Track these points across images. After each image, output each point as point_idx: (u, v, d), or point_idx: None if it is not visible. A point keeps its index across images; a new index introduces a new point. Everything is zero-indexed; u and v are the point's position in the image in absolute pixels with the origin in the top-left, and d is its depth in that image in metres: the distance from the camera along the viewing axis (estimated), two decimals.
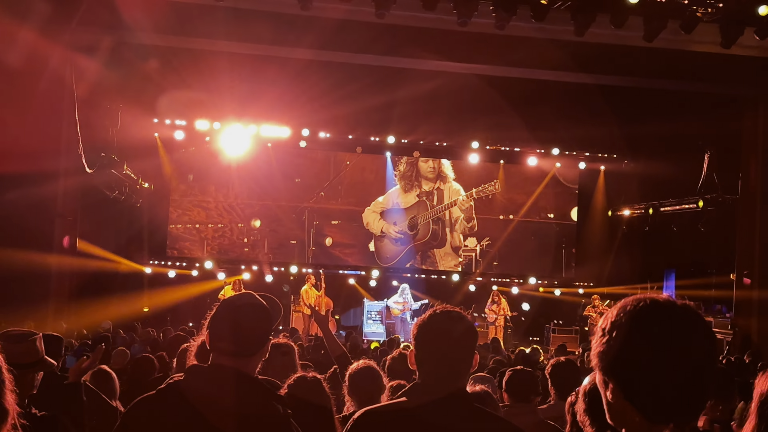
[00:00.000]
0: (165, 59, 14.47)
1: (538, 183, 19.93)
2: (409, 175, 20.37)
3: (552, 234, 20.47)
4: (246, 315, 2.44)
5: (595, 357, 1.59)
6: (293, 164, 19.75)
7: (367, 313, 18.06)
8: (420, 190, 20.40)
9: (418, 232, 20.28)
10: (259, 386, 2.40)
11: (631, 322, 1.53)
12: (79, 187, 14.12)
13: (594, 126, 16.56)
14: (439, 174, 20.45)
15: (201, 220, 19.07)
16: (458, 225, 20.33)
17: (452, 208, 20.33)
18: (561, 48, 13.55)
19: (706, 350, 1.51)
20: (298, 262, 19.05)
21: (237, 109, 17.60)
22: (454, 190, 20.41)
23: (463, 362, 2.39)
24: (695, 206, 16.38)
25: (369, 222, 20.15)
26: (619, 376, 1.54)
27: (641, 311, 1.53)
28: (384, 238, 20.20)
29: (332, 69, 14.89)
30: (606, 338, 1.57)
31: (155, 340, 10.67)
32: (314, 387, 3.27)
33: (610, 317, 1.58)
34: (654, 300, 1.55)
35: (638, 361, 1.51)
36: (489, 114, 16.85)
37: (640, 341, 1.51)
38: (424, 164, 20.33)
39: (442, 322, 2.40)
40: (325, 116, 17.31)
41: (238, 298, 2.53)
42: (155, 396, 2.36)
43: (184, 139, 18.83)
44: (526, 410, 4.01)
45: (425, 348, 2.38)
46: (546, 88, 15.60)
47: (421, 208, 20.38)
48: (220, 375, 2.34)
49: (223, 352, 2.39)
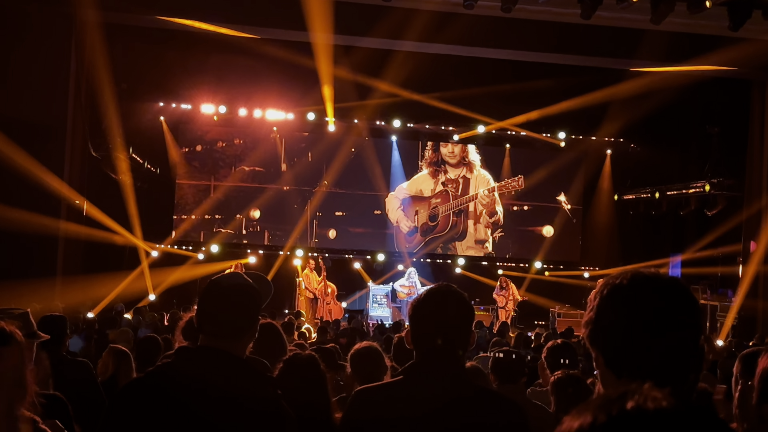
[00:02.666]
0: (171, 42, 14.47)
1: (544, 167, 19.82)
2: (435, 161, 20.15)
3: (559, 218, 20.43)
4: (233, 295, 2.41)
5: (582, 326, 1.62)
6: (298, 150, 19.67)
7: (373, 297, 18.09)
8: (446, 177, 20.16)
9: (438, 223, 20.17)
10: (248, 368, 2.39)
11: (610, 291, 1.55)
12: (85, 171, 14.15)
13: (599, 110, 16.50)
14: (464, 160, 20.19)
15: (205, 207, 19.00)
16: (482, 218, 20.17)
17: (476, 201, 20.11)
18: (569, 31, 13.53)
19: (683, 314, 1.51)
20: (302, 246, 18.99)
21: (241, 92, 17.57)
22: (481, 178, 20.13)
23: (460, 340, 2.35)
24: (702, 190, 16.32)
25: (390, 209, 20.01)
26: (598, 343, 1.56)
27: (621, 282, 1.55)
28: (400, 227, 20.15)
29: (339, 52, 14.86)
30: (589, 308, 1.60)
31: (162, 324, 10.73)
32: (309, 364, 3.26)
33: (597, 287, 1.60)
34: (636, 272, 1.56)
35: (613, 327, 1.53)
36: (494, 96, 16.79)
37: (615, 308, 1.53)
38: (444, 149, 20.13)
39: (437, 300, 2.38)
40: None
41: (225, 279, 2.49)
42: (144, 379, 2.36)
43: (190, 122, 18.82)
44: (512, 390, 4.02)
45: (421, 327, 2.36)
46: (551, 70, 15.56)
47: (444, 197, 20.15)
48: (209, 357, 2.33)
49: (211, 333, 2.37)
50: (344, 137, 19.35)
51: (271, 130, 19.16)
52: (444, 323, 2.34)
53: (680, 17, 12.94)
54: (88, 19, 12.52)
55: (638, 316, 1.50)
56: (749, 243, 15.45)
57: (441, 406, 2.22)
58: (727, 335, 14.41)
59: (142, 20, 13.45)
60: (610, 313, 1.54)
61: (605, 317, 1.55)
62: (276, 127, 19.15)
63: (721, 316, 15.69)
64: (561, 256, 20.49)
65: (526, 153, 20.31)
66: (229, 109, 18.22)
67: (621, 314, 1.52)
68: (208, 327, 2.39)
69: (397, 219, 20.02)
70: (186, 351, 2.42)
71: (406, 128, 19.52)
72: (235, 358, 2.35)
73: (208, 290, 2.46)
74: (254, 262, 18.12)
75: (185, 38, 14.18)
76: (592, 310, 1.58)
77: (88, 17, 12.46)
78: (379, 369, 3.89)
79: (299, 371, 3.17)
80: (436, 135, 19.93)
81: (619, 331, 1.52)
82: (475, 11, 12.64)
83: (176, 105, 18.41)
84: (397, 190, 20.02)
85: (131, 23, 13.52)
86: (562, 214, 20.44)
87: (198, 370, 2.27)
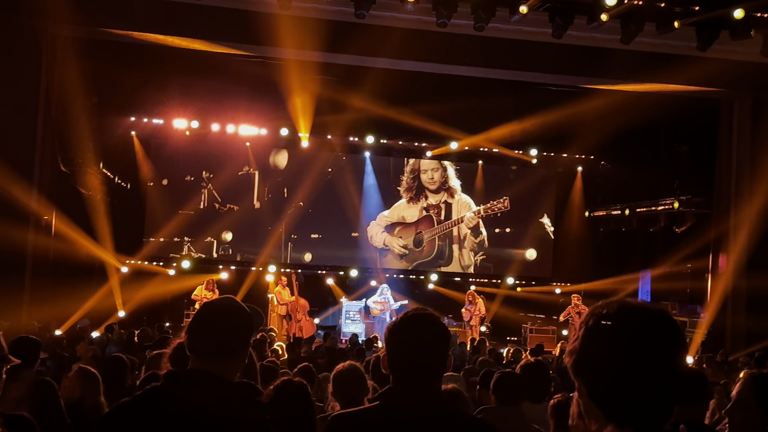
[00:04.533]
0: (141, 57, 14.38)
1: (516, 184, 19.95)
2: (413, 187, 20.08)
3: (530, 235, 20.53)
4: (225, 316, 2.42)
5: (566, 356, 1.61)
6: (271, 169, 19.51)
7: (346, 313, 18.03)
8: (426, 202, 20.11)
9: (423, 249, 20.09)
10: (238, 392, 2.37)
11: (595, 323, 1.55)
12: (54, 186, 13.97)
13: (570, 127, 16.67)
14: (445, 185, 20.17)
15: (174, 226, 18.71)
16: (467, 241, 20.15)
17: (461, 225, 20.03)
18: (540, 50, 13.70)
19: (669, 356, 1.51)
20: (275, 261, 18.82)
21: (214, 107, 17.50)
22: (463, 203, 20.07)
23: (436, 365, 2.35)
24: (671, 207, 16.53)
25: (372, 236, 19.87)
26: (584, 375, 1.56)
27: (607, 313, 1.55)
28: (388, 252, 20.00)
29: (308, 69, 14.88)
30: (574, 337, 1.59)
31: (131, 341, 10.60)
32: (299, 393, 3.24)
33: (581, 318, 1.60)
34: (623, 303, 1.56)
35: (598, 361, 1.53)
36: (466, 113, 16.91)
37: (601, 342, 1.53)
38: (424, 175, 20.08)
39: (413, 325, 2.36)
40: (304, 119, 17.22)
41: (219, 301, 2.51)
42: (133, 402, 2.33)
43: (161, 136, 18.65)
44: (513, 412, 4.02)
45: (397, 353, 2.35)
46: (523, 88, 15.72)
47: (427, 223, 20.07)
48: (198, 380, 2.32)
49: (201, 354, 2.36)
50: (318, 153, 19.30)
51: (243, 145, 19.05)
52: (420, 348, 2.33)
53: (649, 37, 13.19)
54: (59, 33, 12.42)
55: (624, 352, 1.50)
56: (718, 259, 15.68)
57: (417, 431, 2.21)
58: (696, 351, 14.56)
59: (113, 35, 13.36)
60: (595, 346, 1.54)
61: (590, 349, 1.54)
62: (249, 142, 19.05)
63: (690, 331, 15.85)
64: (533, 272, 20.59)
65: (498, 169, 20.42)
66: (201, 124, 18.10)
67: (606, 348, 1.52)
68: (199, 346, 2.38)
69: (384, 241, 19.91)
70: (175, 374, 2.40)
71: (380, 144, 19.52)
72: (224, 382, 2.34)
73: (200, 310, 2.47)
74: (226, 278, 17.98)
75: (158, 53, 14.10)
76: (577, 339, 1.57)
77: (59, 31, 12.36)
78: (361, 390, 3.88)
79: (290, 401, 3.15)
80: (409, 151, 19.97)
81: (604, 366, 1.52)
82: (448, 29, 12.76)
83: (148, 120, 18.25)
84: (378, 218, 19.92)
85: (102, 38, 13.41)
86: (536, 230, 20.53)
87: (187, 394, 2.25)
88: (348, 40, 13.30)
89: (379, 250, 19.92)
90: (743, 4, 12.30)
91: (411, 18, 12.94)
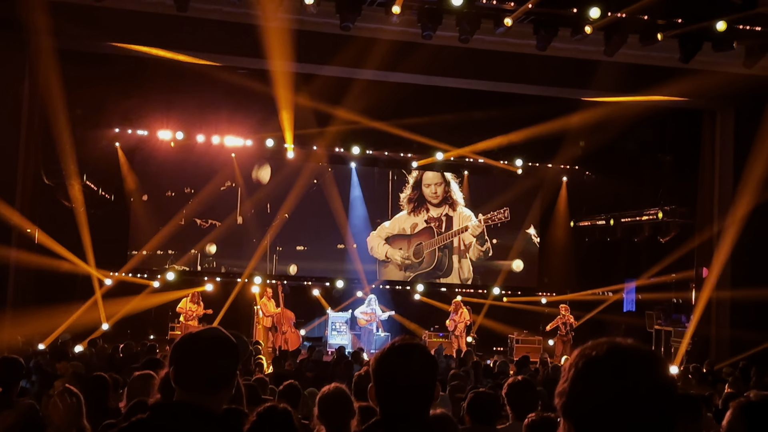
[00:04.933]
0: (125, 68, 14.32)
1: (501, 194, 19.98)
2: (414, 199, 20.07)
3: (517, 245, 20.55)
4: (211, 347, 2.40)
5: (556, 397, 1.60)
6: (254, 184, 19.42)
7: (332, 324, 17.96)
8: (428, 215, 20.12)
9: (423, 260, 20.03)
10: (224, 425, 2.35)
11: (585, 365, 1.53)
12: (37, 198, 13.85)
13: (555, 138, 16.75)
14: (447, 198, 20.15)
15: (158, 240, 18.55)
16: (472, 251, 20.09)
17: (464, 234, 20.00)
18: (525, 62, 13.76)
19: (661, 397, 1.50)
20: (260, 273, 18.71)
21: (199, 118, 17.42)
22: (464, 217, 20.07)
23: (424, 397, 2.32)
24: (655, 217, 16.62)
25: (373, 246, 19.83)
26: (573, 417, 1.54)
27: (596, 355, 1.53)
28: (389, 263, 19.94)
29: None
30: (563, 378, 1.58)
31: (113, 356, 10.51)
32: (283, 421, 3.20)
33: (570, 359, 1.59)
34: (613, 344, 1.54)
35: (588, 403, 1.51)
36: (451, 124, 16.96)
37: (591, 384, 1.51)
38: (427, 189, 20.08)
39: (400, 356, 2.33)
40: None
41: (204, 332, 2.49)
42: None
43: (146, 148, 18.54)
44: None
45: (384, 384, 2.32)
46: (508, 99, 15.78)
47: (428, 234, 20.05)
48: (184, 413, 2.29)
49: (187, 385, 2.34)
50: (303, 164, 19.26)
51: (229, 156, 18.98)
52: (408, 380, 2.30)
53: (633, 49, 13.29)
54: (42, 45, 12.33)
55: (615, 394, 1.49)
56: (701, 269, 15.76)
57: None
58: (681, 361, 14.62)
59: (97, 46, 13.29)
60: (585, 388, 1.52)
61: (580, 391, 1.53)
62: (234, 153, 18.98)
63: (675, 341, 15.92)
64: (519, 282, 20.61)
65: (483, 180, 20.45)
66: (186, 135, 18.01)
67: (597, 391, 1.50)
68: (185, 379, 2.35)
69: (386, 254, 19.86)
70: (161, 407, 2.40)
71: (365, 155, 19.51)
72: (210, 415, 2.32)
73: (186, 341, 2.44)
74: (211, 290, 17.85)
75: (142, 64, 14.03)
76: (567, 381, 1.55)
77: (42, 43, 12.27)
78: (347, 412, 3.85)
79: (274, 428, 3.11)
80: (395, 162, 19.97)
81: (594, 408, 1.50)
82: (434, 41, 12.80)
83: (132, 131, 18.14)
84: (379, 230, 19.92)
85: (86, 49, 13.34)
86: (523, 241, 20.56)
87: (173, 427, 2.22)
88: (333, 51, 13.30)
89: (380, 261, 19.87)
90: (725, 17, 12.42)
91: (396, 30, 12.96)
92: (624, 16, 12.65)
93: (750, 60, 13.54)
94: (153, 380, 4.02)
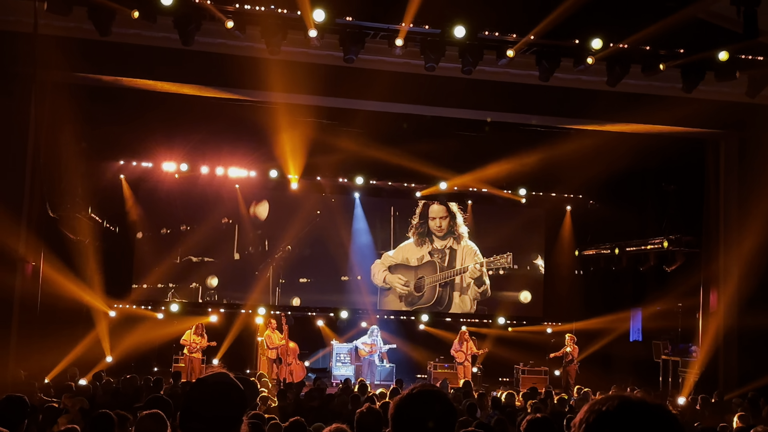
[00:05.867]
0: (130, 101, 14.41)
1: (505, 224, 19.96)
2: (422, 230, 19.99)
3: (524, 276, 20.49)
4: (218, 394, 2.39)
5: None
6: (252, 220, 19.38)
7: (336, 356, 17.87)
8: (432, 246, 20.04)
9: (423, 294, 19.94)
10: None
11: (596, 420, 1.52)
12: (42, 231, 13.86)
13: (559, 167, 16.76)
14: (452, 231, 20.09)
15: (161, 273, 18.54)
16: (470, 291, 20.04)
17: (465, 275, 19.93)
18: (528, 92, 13.84)
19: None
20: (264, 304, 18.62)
21: (203, 150, 17.47)
22: (468, 250, 19.98)
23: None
24: (660, 246, 16.57)
25: (375, 273, 19.74)
26: None
27: (607, 410, 1.52)
28: (389, 292, 19.85)
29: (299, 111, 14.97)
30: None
31: (117, 390, 10.44)
32: None
33: (581, 414, 1.57)
34: (624, 399, 1.53)
35: None
36: (455, 154, 17.03)
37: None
38: (432, 222, 20.00)
39: (419, 404, 2.32)
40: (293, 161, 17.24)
41: (212, 379, 2.47)
42: None
43: (151, 180, 18.59)
44: None
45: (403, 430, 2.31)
46: (511, 129, 15.85)
47: (430, 269, 19.96)
48: None
49: (193, 431, 2.34)
50: (307, 195, 19.28)
51: (233, 188, 19.00)
52: (426, 428, 2.29)
53: (635, 78, 13.36)
54: (48, 78, 12.42)
55: None
56: (708, 298, 15.68)
57: None
58: (689, 392, 14.49)
59: (102, 81, 13.40)
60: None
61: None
62: (238, 185, 19.02)
63: (682, 371, 15.79)
64: (524, 311, 20.51)
65: (487, 210, 20.42)
66: (190, 167, 18.07)
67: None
68: (191, 424, 2.34)
69: (384, 279, 19.71)
70: None
71: (369, 185, 19.53)
72: None
73: (193, 390, 2.45)
74: (215, 321, 17.80)
75: (147, 97, 14.12)
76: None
77: (48, 77, 12.37)
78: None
79: None
80: (398, 192, 19.98)
81: None
82: (437, 72, 12.89)
83: (137, 163, 18.21)
84: (383, 258, 19.83)
85: (91, 83, 13.44)
86: (531, 272, 20.50)
87: None
88: (337, 83, 13.43)
89: (380, 289, 19.79)
90: (727, 47, 12.50)
91: (399, 62, 13.08)
92: (626, 47, 12.74)
93: (753, 89, 13.60)
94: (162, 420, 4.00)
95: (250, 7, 11.90)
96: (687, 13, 12.12)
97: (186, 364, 16.03)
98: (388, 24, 12.26)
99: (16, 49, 11.81)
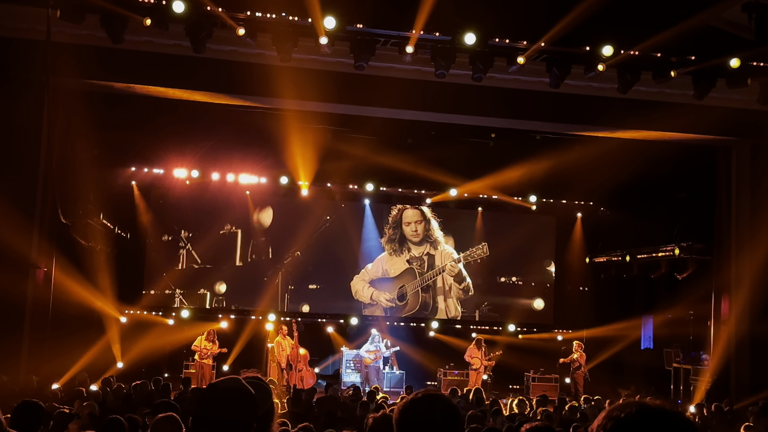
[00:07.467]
0: (142, 108, 14.49)
1: (516, 231, 19.90)
2: (395, 239, 19.84)
3: (537, 283, 20.44)
4: (229, 400, 2.39)
5: None
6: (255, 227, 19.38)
7: (346, 362, 17.84)
8: (409, 254, 19.87)
9: (407, 303, 19.80)
10: None
11: (613, 428, 1.51)
12: (54, 237, 13.94)
13: (569, 174, 16.71)
14: (428, 237, 19.93)
15: (169, 277, 18.64)
16: (453, 291, 19.93)
17: (444, 274, 19.75)
18: (539, 99, 13.83)
19: None
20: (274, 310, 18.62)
21: (214, 156, 17.54)
22: (446, 254, 19.82)
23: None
24: (672, 254, 16.49)
25: (357, 290, 19.54)
26: None
27: (625, 417, 1.51)
28: (375, 306, 19.67)
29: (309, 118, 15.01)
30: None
31: (128, 395, 10.47)
32: None
33: (598, 420, 1.56)
34: (643, 406, 1.53)
35: None
36: (465, 160, 17.03)
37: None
38: (407, 227, 19.86)
39: (424, 410, 2.32)
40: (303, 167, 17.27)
41: (223, 383, 2.48)
42: None
43: (162, 186, 18.67)
44: None
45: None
46: (522, 136, 15.84)
47: (410, 276, 19.76)
48: None
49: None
50: (317, 201, 19.30)
51: (243, 194, 19.04)
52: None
53: (646, 85, 13.32)
54: (61, 86, 12.51)
55: None
56: (720, 306, 15.59)
57: None
58: (701, 400, 14.39)
59: (114, 88, 13.49)
60: None
61: None
62: (249, 191, 19.06)
63: (694, 380, 15.70)
64: (534, 319, 20.43)
65: (498, 217, 20.38)
66: (201, 173, 18.13)
67: None
68: (203, 429, 2.37)
69: (371, 296, 19.62)
70: None
71: (379, 192, 19.51)
72: None
73: (204, 393, 2.46)
74: (226, 327, 17.83)
75: (158, 104, 14.19)
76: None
77: (61, 84, 12.46)
78: None
79: None
80: (408, 198, 19.95)
81: None
82: (447, 79, 12.90)
83: (148, 169, 18.29)
84: (362, 273, 19.66)
85: (104, 90, 13.53)
86: (543, 278, 20.44)
87: None
88: (348, 90, 13.47)
89: (365, 305, 19.64)
90: (739, 54, 12.45)
91: (410, 69, 13.10)
92: (637, 54, 12.71)
93: (765, 96, 13.53)
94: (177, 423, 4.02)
95: (261, 15, 11.95)
96: (698, 20, 12.09)
97: (196, 370, 16.05)
98: (399, 31, 12.29)
99: (30, 56, 11.89)
